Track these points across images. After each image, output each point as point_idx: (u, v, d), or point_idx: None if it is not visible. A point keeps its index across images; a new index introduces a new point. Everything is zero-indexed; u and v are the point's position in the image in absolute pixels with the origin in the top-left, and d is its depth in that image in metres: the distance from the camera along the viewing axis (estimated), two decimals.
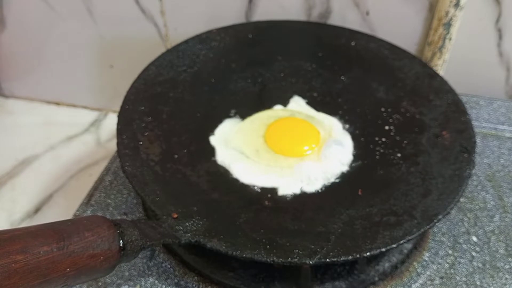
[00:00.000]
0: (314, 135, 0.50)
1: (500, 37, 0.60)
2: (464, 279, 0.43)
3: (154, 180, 0.43)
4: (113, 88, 0.71)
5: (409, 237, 0.38)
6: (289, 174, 0.46)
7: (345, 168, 0.48)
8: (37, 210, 0.60)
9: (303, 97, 0.55)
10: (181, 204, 0.41)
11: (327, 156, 0.48)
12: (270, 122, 0.51)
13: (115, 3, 0.64)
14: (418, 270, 0.43)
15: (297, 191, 0.45)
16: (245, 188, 0.46)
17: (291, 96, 0.55)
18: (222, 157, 0.48)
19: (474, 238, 0.46)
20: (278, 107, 0.54)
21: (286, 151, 0.49)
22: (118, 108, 0.48)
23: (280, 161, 0.48)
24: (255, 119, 0.52)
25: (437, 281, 0.43)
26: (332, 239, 0.39)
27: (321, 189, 0.46)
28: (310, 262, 0.36)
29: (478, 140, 0.53)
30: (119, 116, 0.47)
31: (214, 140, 0.50)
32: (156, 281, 0.42)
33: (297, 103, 0.55)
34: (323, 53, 0.58)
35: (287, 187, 0.46)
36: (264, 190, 0.46)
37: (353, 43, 0.58)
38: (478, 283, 0.42)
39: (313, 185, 0.46)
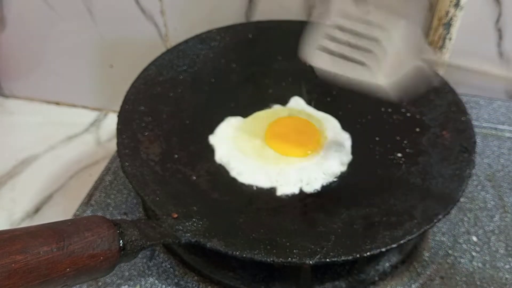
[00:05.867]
0: (314, 134, 0.50)
1: (500, 37, 0.59)
2: (464, 279, 0.43)
3: (154, 180, 0.43)
4: (113, 88, 0.70)
5: (409, 237, 0.38)
6: (289, 173, 0.46)
7: (345, 168, 0.48)
8: (37, 210, 0.60)
9: (303, 97, 0.55)
10: (181, 204, 0.41)
11: (327, 156, 0.48)
12: (270, 121, 0.51)
13: (115, 3, 0.64)
14: (418, 270, 0.43)
15: (297, 191, 0.45)
16: (245, 188, 0.46)
17: (291, 96, 0.55)
18: (222, 157, 0.48)
19: (474, 238, 0.46)
20: (278, 107, 0.54)
21: (286, 150, 0.49)
22: (118, 108, 0.48)
23: (280, 160, 0.48)
24: (255, 118, 0.52)
25: (437, 281, 0.43)
26: (332, 239, 0.39)
27: (321, 189, 0.46)
28: (310, 262, 0.36)
29: (478, 140, 0.53)
30: (119, 116, 0.47)
31: (214, 139, 0.50)
32: (156, 281, 0.42)
33: (297, 103, 0.55)
34: None
35: (287, 187, 0.46)
36: (264, 190, 0.46)
37: None
38: (478, 283, 0.42)
39: (313, 185, 0.46)
